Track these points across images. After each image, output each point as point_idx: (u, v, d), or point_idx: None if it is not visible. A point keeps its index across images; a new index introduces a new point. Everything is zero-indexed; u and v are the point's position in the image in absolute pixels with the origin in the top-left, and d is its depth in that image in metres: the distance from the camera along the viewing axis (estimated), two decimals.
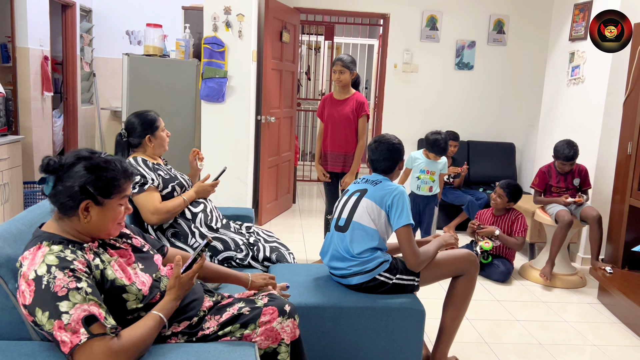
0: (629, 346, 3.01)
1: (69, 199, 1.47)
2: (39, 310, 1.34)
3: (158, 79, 4.47)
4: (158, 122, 2.68)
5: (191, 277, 1.61)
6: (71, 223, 1.50)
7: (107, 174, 1.50)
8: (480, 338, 2.98)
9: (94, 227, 1.52)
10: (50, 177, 1.47)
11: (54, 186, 1.47)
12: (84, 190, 1.46)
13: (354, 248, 2.31)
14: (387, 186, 2.38)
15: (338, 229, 2.41)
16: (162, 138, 2.69)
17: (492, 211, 4.11)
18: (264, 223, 5.05)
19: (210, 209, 2.73)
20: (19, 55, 4.78)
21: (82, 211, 1.47)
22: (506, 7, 5.68)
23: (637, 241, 3.53)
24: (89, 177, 1.47)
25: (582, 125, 4.50)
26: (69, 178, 1.47)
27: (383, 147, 2.48)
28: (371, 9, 5.68)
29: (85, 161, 1.49)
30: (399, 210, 2.30)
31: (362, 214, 2.34)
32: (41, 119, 5.14)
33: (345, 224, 2.38)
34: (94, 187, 1.47)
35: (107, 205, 1.51)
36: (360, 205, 2.36)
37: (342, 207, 2.45)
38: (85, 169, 1.48)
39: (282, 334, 1.67)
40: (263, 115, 4.87)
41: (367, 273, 2.28)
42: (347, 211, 2.40)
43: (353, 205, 2.39)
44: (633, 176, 3.58)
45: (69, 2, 5.98)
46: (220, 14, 4.32)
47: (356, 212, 2.36)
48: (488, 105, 5.85)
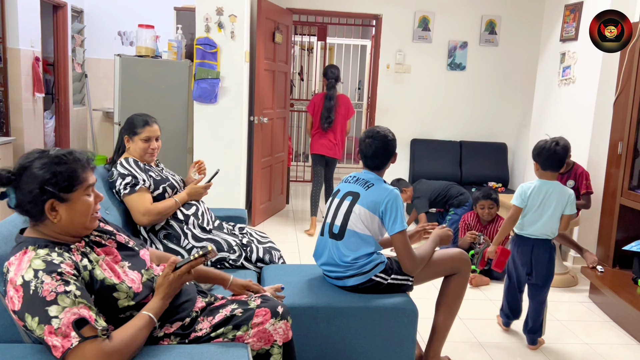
0: (620, 344, 3.03)
1: (33, 204, 1.43)
2: (29, 316, 1.33)
3: (150, 80, 4.46)
4: (139, 129, 2.59)
5: (179, 276, 1.59)
6: (46, 227, 1.47)
7: (62, 168, 1.45)
8: (472, 337, 2.99)
9: (67, 224, 1.47)
10: (9, 189, 1.43)
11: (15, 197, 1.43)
12: (43, 190, 1.42)
13: (350, 255, 2.28)
14: (380, 190, 2.31)
15: (332, 236, 2.35)
16: (139, 146, 2.60)
17: (479, 222, 4.09)
18: (257, 224, 5.05)
19: (202, 211, 2.72)
20: (9, 56, 4.75)
21: (49, 212, 1.44)
22: (498, 8, 5.71)
23: (628, 240, 3.55)
24: (44, 176, 1.42)
25: (573, 125, 4.53)
26: (25, 183, 1.43)
27: (377, 142, 2.38)
28: (364, 10, 5.70)
29: (37, 161, 1.45)
30: (392, 216, 2.26)
31: (356, 221, 2.30)
32: (32, 120, 5.12)
33: (339, 232, 2.33)
34: (53, 185, 1.43)
35: (73, 199, 1.47)
36: (354, 212, 2.30)
37: (334, 212, 2.38)
38: (39, 169, 1.43)
39: (275, 335, 1.67)
40: (256, 116, 4.86)
41: (364, 274, 2.29)
42: (340, 218, 2.34)
43: (347, 211, 2.33)
44: (623, 176, 3.61)
45: (60, 3, 5.95)
46: (212, 15, 4.32)
47: (350, 220, 2.31)
48: (480, 105, 5.88)
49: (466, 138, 5.87)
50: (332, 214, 2.40)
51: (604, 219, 3.87)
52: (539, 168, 2.86)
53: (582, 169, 3.96)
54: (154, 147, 2.64)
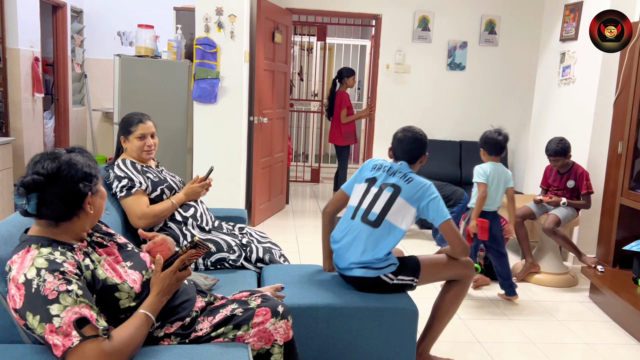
0: (620, 344, 3.03)
1: (69, 204, 1.45)
2: (30, 314, 1.33)
3: (150, 80, 4.46)
4: (133, 127, 2.57)
5: (172, 272, 1.58)
6: (68, 225, 1.48)
7: (84, 164, 1.49)
8: (473, 337, 2.99)
9: (96, 214, 1.55)
10: (32, 195, 1.39)
11: (38, 202, 1.40)
12: (82, 187, 1.46)
13: (381, 246, 2.31)
14: (421, 185, 2.36)
15: (367, 222, 2.35)
16: (135, 145, 2.58)
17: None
18: (257, 224, 5.04)
19: (201, 211, 2.70)
20: (9, 56, 4.74)
21: (87, 206, 1.49)
22: (497, 7, 5.71)
23: (628, 240, 3.55)
24: (79, 174, 1.46)
25: (573, 125, 4.53)
26: (58, 185, 1.42)
27: (412, 134, 2.48)
28: (363, 10, 5.69)
29: (61, 161, 1.45)
30: (437, 209, 2.33)
31: (397, 213, 2.33)
32: (32, 121, 5.11)
33: (377, 220, 2.34)
34: (87, 180, 1.48)
35: (99, 190, 1.55)
36: (396, 204, 2.34)
37: (372, 200, 2.38)
38: (70, 169, 1.45)
39: (275, 335, 1.67)
40: (256, 116, 4.86)
41: (375, 270, 2.29)
42: (379, 206, 2.35)
43: (387, 202, 2.35)
44: (623, 175, 3.60)
45: (60, 3, 5.95)
46: (212, 15, 4.31)
47: (391, 211, 2.33)
48: (480, 105, 5.88)
49: (466, 138, 5.87)
50: (369, 201, 2.39)
51: (604, 218, 3.87)
52: (485, 154, 3.55)
53: (582, 169, 3.95)
54: (149, 144, 2.61)
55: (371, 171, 2.48)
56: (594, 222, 4.13)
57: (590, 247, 4.27)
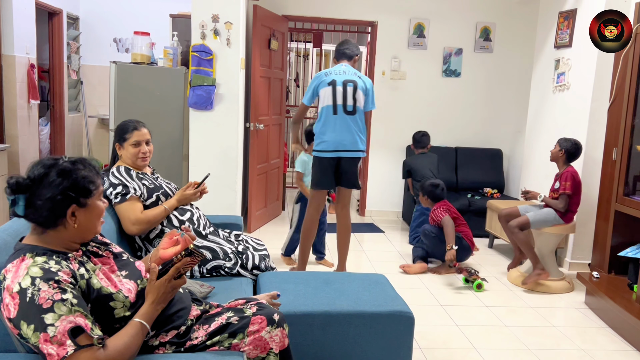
0: (616, 350, 3.03)
1: (52, 211, 1.44)
2: (24, 324, 1.32)
3: (146, 87, 4.46)
4: (128, 134, 2.58)
5: (166, 280, 1.57)
6: (55, 234, 1.48)
7: (81, 174, 1.48)
8: (469, 344, 2.99)
9: (83, 230, 1.50)
10: (19, 196, 1.42)
11: (26, 204, 1.42)
12: (66, 196, 1.44)
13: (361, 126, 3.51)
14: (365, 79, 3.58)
15: (348, 112, 3.45)
16: (130, 152, 2.58)
17: None
18: (253, 230, 5.04)
19: (197, 217, 2.70)
20: (4, 63, 4.74)
21: (70, 217, 1.46)
22: (492, 14, 5.75)
23: (623, 246, 3.57)
24: (66, 182, 1.44)
25: (568, 131, 4.54)
26: (44, 190, 1.43)
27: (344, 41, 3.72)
28: (359, 17, 5.72)
29: (55, 168, 1.46)
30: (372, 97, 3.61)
31: (361, 101, 3.49)
32: (27, 127, 5.10)
33: (353, 109, 3.47)
34: (75, 191, 1.45)
35: (91, 205, 1.51)
36: (359, 95, 3.49)
37: (343, 96, 3.45)
38: (58, 176, 1.44)
39: (271, 343, 1.67)
40: (252, 122, 4.86)
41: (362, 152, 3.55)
42: (350, 99, 3.46)
43: (353, 95, 3.46)
44: (618, 182, 3.62)
45: (56, 10, 5.95)
46: (208, 22, 4.32)
47: (357, 100, 3.48)
48: (475, 111, 5.90)
49: (461, 144, 5.89)
50: (341, 97, 3.45)
51: (599, 224, 3.88)
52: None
53: (567, 171, 3.80)
54: (144, 151, 2.62)
55: (326, 77, 3.51)
56: (589, 228, 4.15)
57: (585, 253, 4.28)
